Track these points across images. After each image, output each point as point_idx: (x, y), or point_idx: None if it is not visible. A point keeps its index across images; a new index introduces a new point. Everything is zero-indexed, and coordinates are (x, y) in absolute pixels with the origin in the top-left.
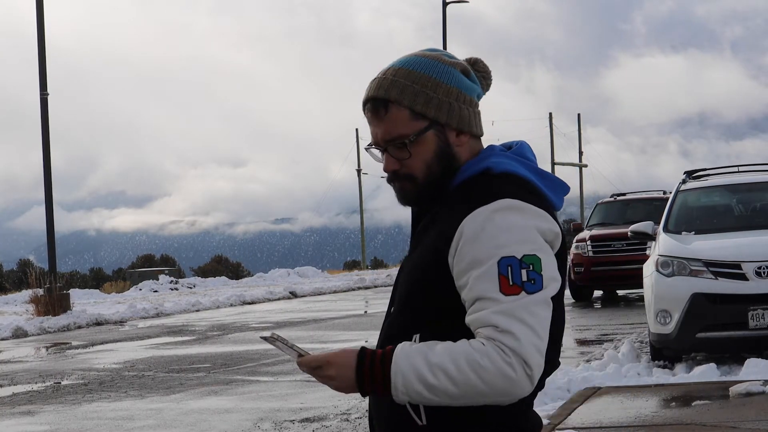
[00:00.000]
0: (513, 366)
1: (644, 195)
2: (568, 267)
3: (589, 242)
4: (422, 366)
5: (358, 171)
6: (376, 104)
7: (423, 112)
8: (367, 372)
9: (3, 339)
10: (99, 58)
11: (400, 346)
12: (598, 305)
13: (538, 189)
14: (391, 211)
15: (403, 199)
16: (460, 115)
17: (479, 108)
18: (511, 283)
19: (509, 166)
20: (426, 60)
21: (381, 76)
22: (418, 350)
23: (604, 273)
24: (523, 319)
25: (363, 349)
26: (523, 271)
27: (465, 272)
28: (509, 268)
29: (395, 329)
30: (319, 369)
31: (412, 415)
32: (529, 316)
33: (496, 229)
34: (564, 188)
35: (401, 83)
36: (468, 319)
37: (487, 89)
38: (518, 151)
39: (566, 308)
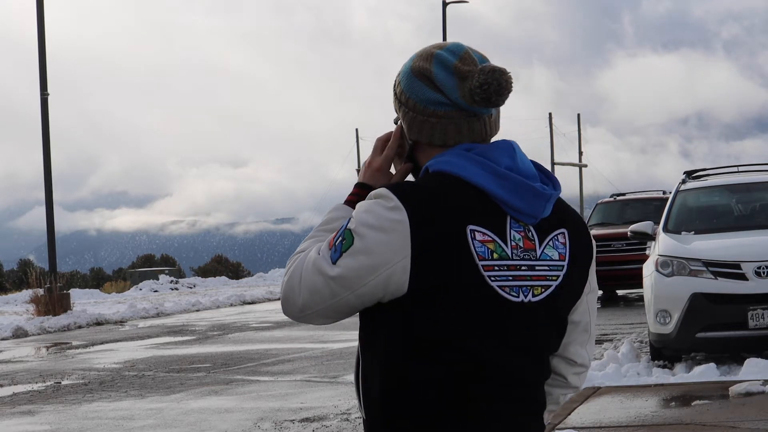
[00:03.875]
0: (282, 281)
1: (644, 195)
2: None
3: None
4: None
5: (358, 171)
6: None
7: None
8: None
9: (3, 339)
10: (101, 59)
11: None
12: (598, 305)
13: (477, 191)
14: None
15: None
16: (404, 119)
17: (443, 117)
18: (335, 237)
19: (444, 165)
20: (412, 58)
21: None
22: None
23: (603, 273)
24: (305, 268)
25: (367, 186)
26: (340, 238)
27: None
28: (341, 228)
29: None
30: (378, 152)
31: (358, 408)
32: (308, 271)
33: (360, 205)
34: (535, 192)
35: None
36: None
37: (483, 103)
38: (481, 150)
39: None
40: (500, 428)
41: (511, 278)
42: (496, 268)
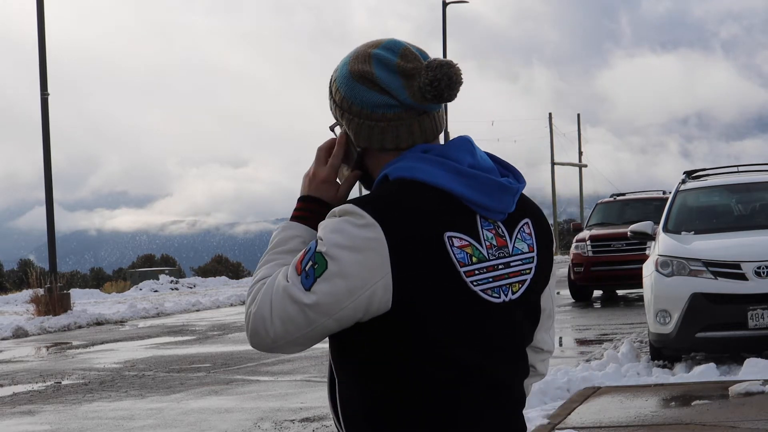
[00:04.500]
0: (246, 313)
1: (644, 195)
2: (568, 267)
3: (588, 242)
4: (268, 254)
5: None
6: None
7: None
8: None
9: (3, 339)
10: (101, 59)
11: (296, 226)
12: (597, 305)
13: (445, 194)
14: None
15: None
16: (349, 126)
17: (392, 120)
18: (302, 261)
19: (407, 171)
20: (345, 60)
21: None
22: (282, 241)
23: (603, 273)
24: (275, 297)
25: (313, 199)
26: (309, 262)
27: None
28: (309, 250)
29: None
30: (321, 162)
31: (336, 426)
32: (279, 300)
33: (326, 224)
34: (502, 187)
35: (330, 78)
36: None
37: (436, 100)
38: (441, 150)
39: (566, 308)
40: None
41: (491, 279)
42: (477, 272)
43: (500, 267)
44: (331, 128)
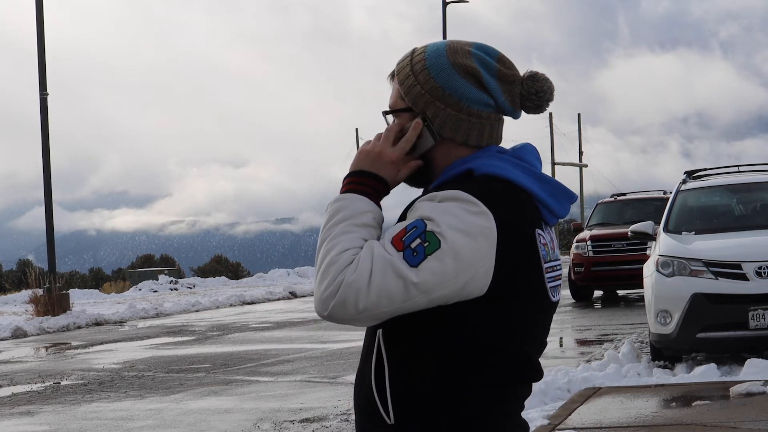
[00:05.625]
0: (335, 281)
1: (644, 195)
2: (568, 267)
3: (589, 242)
4: (336, 221)
5: None
6: (391, 73)
7: (404, 96)
8: (345, 180)
9: (3, 339)
10: (101, 59)
11: (353, 197)
12: (598, 305)
13: (527, 194)
14: (392, 211)
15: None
16: (435, 115)
17: (484, 118)
18: (403, 237)
19: (494, 168)
20: (439, 51)
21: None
22: (351, 213)
23: (604, 273)
24: (375, 269)
25: (376, 177)
26: (417, 240)
27: None
28: (414, 228)
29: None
30: (390, 143)
31: (382, 413)
32: (380, 273)
33: (432, 206)
34: (569, 195)
35: (406, 61)
36: None
37: (535, 110)
38: (516, 153)
39: (566, 308)
40: (523, 424)
41: (553, 279)
42: (548, 270)
43: (555, 269)
44: (384, 114)
